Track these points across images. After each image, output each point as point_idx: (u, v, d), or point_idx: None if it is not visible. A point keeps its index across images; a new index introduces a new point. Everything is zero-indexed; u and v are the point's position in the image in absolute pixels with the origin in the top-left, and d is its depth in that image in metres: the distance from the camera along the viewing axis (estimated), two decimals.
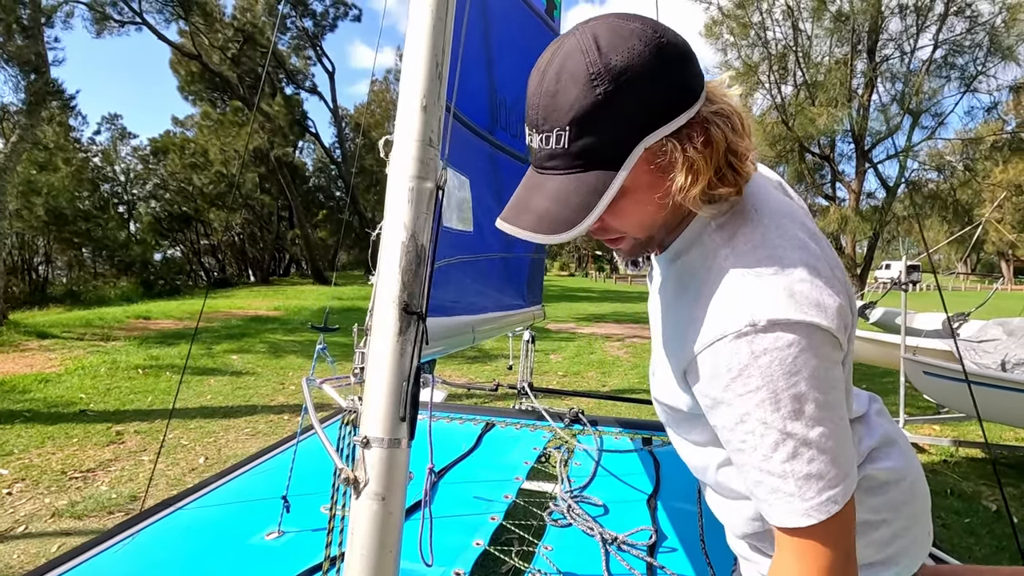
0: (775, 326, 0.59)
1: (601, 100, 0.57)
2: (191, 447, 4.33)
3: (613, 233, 0.70)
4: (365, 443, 0.70)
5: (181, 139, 31.30)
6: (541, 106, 0.61)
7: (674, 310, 0.74)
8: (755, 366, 0.59)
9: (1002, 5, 10.16)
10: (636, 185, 0.63)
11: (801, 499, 0.59)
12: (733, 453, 0.64)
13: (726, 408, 0.62)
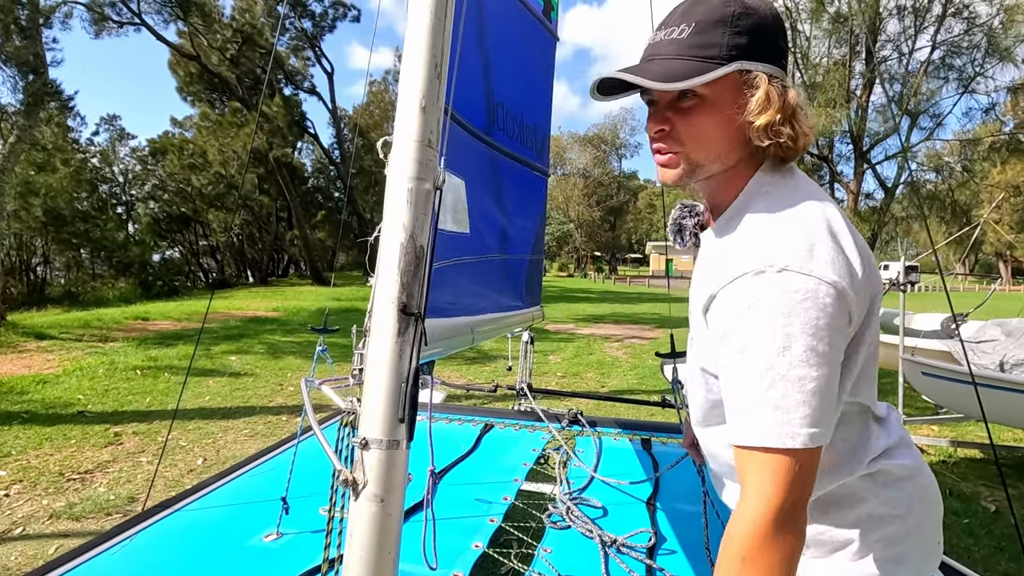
0: (787, 271, 0.66)
1: (726, 15, 0.72)
2: (189, 448, 4.32)
3: (675, 146, 0.77)
4: (364, 444, 0.70)
5: (180, 140, 31.28)
6: (679, 10, 0.76)
7: (710, 267, 0.80)
8: (762, 302, 0.66)
9: (1000, 6, 10.18)
10: (718, 97, 0.74)
11: (765, 423, 0.64)
12: (726, 385, 0.70)
13: (732, 339, 0.68)
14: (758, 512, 0.63)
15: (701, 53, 0.72)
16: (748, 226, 0.75)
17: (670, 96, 0.76)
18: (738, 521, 0.65)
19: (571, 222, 49.58)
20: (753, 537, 0.63)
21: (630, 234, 62.94)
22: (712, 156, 0.77)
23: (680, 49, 0.73)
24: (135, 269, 22.48)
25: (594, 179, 51.13)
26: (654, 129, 0.78)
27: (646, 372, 7.40)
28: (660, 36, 0.76)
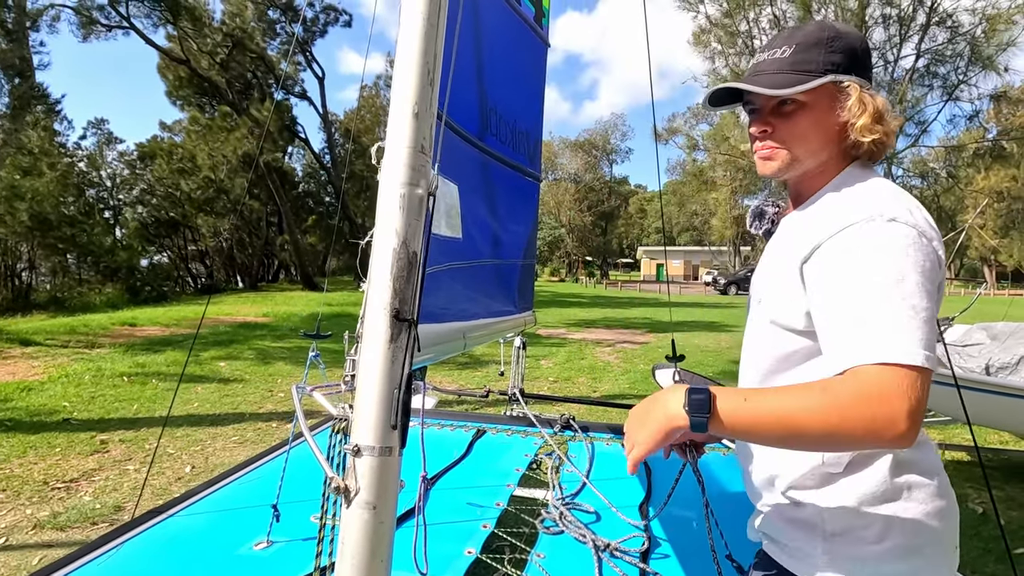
0: (895, 221, 0.76)
1: (822, 38, 0.87)
2: (177, 456, 4.27)
3: (776, 141, 0.90)
4: (356, 451, 0.69)
5: (169, 144, 31.02)
6: (783, 36, 0.91)
7: (794, 233, 0.90)
8: (876, 241, 0.75)
9: (982, 16, 10.38)
10: (816, 103, 0.87)
11: (911, 342, 0.68)
12: (836, 309, 0.75)
13: (845, 275, 0.75)
14: (884, 411, 0.66)
15: (801, 68, 0.86)
16: (848, 196, 0.85)
17: (772, 103, 0.90)
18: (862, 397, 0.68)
19: (563, 227, 49.71)
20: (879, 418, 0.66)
21: (621, 239, 63.22)
22: (808, 152, 0.90)
23: (782, 66, 0.88)
24: (122, 274, 22.22)
25: (585, 184, 51.36)
26: (758, 130, 0.92)
27: (637, 377, 7.42)
28: (765, 56, 0.91)
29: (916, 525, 0.81)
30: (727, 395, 0.74)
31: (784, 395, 0.73)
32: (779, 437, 0.72)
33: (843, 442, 0.70)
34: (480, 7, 1.89)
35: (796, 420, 0.69)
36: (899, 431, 0.65)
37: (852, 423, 0.67)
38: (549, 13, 2.79)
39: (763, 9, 12.45)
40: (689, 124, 38.31)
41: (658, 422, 0.77)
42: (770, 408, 0.72)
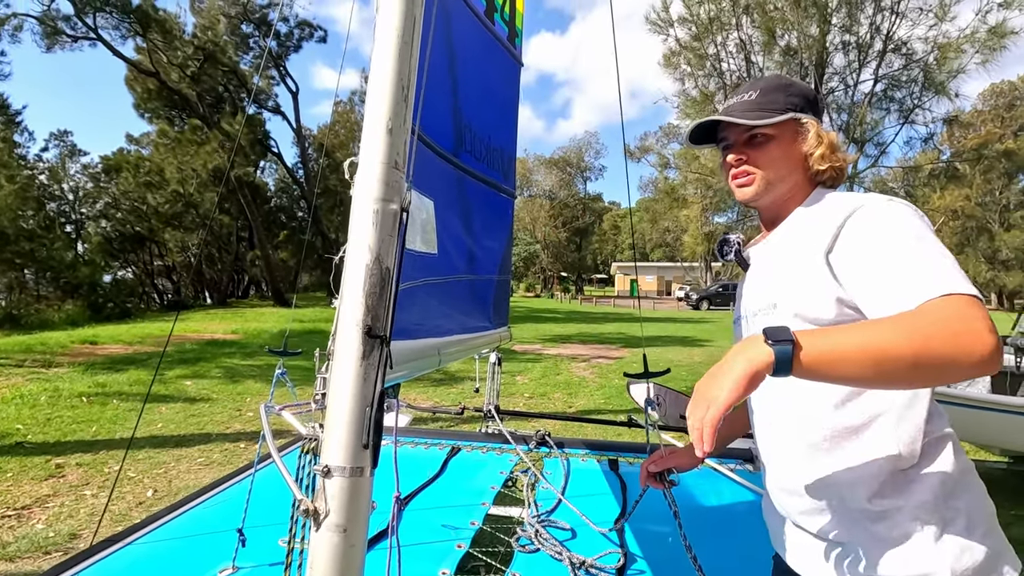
0: (892, 201, 0.87)
1: (782, 84, 1.04)
2: (139, 479, 4.10)
3: (751, 168, 1.02)
4: (326, 472, 0.68)
5: (136, 157, 30.31)
6: (747, 84, 1.07)
7: (790, 242, 0.99)
8: (889, 213, 0.85)
9: (934, 44, 10.94)
10: (781, 136, 1.01)
11: (957, 277, 0.74)
12: (879, 267, 0.80)
13: (881, 235, 0.83)
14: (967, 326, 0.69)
15: (767, 107, 1.00)
16: (835, 200, 0.95)
17: (745, 136, 1.02)
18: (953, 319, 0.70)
19: (538, 243, 50.01)
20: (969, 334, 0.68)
21: (595, 255, 63.87)
22: (778, 177, 1.02)
23: (752, 106, 1.01)
24: (84, 290, 21.45)
25: (560, 201, 51.90)
26: (735, 159, 1.04)
27: (612, 392, 7.45)
28: (735, 100, 1.04)
29: (983, 504, 0.87)
30: (803, 331, 0.73)
31: (864, 326, 0.75)
32: (865, 367, 0.70)
33: (932, 366, 0.69)
34: (454, 27, 1.91)
35: (882, 347, 0.68)
36: (987, 345, 0.67)
37: (938, 342, 0.67)
38: (522, 33, 2.83)
39: (729, 34, 12.88)
40: (661, 143, 39.23)
41: (736, 372, 0.72)
42: (853, 337, 0.71)
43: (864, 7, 11.59)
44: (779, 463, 1.01)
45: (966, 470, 0.88)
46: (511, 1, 2.63)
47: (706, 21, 12.58)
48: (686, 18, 12.83)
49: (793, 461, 0.97)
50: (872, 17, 11.51)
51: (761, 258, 1.09)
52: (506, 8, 2.57)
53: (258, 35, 27.38)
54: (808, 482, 0.93)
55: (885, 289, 0.78)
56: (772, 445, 1.02)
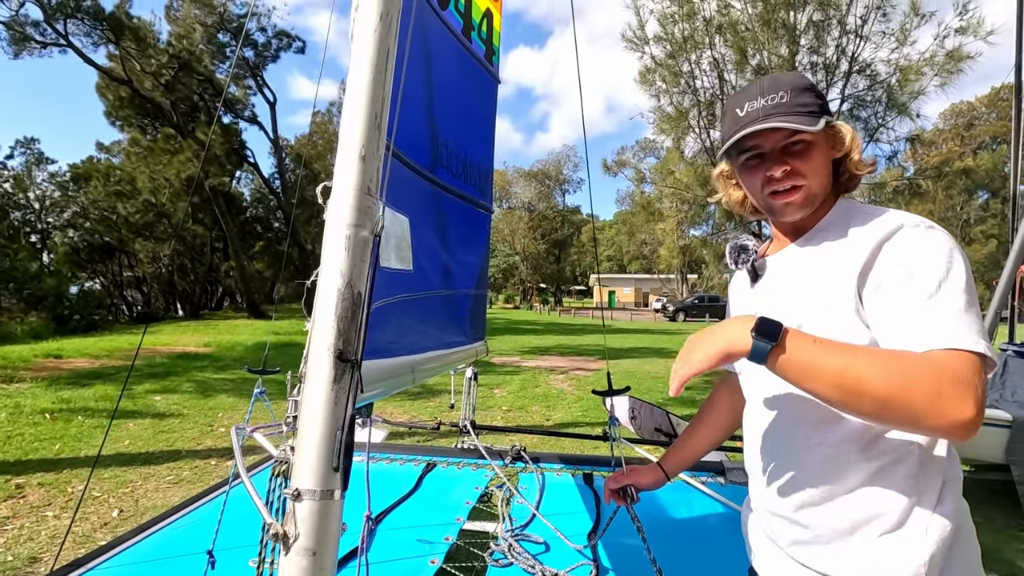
0: (934, 228, 0.83)
1: (808, 83, 0.92)
2: (104, 499, 3.97)
3: (799, 180, 0.92)
4: (296, 496, 0.69)
5: (106, 165, 29.63)
6: (766, 84, 0.93)
7: (822, 258, 0.92)
8: (928, 244, 0.80)
9: (896, 67, 11.39)
10: (819, 141, 0.92)
11: (972, 331, 0.73)
12: (898, 306, 0.78)
13: (910, 270, 0.79)
14: (962, 388, 0.69)
15: (805, 110, 0.90)
16: (866, 216, 0.90)
17: (781, 144, 0.92)
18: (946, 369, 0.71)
19: (517, 255, 50.17)
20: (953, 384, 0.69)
21: (574, 266, 64.30)
22: (821, 186, 0.94)
23: (790, 108, 0.90)
24: (49, 302, 20.78)
25: (539, 213, 52.21)
26: (779, 170, 0.92)
27: (590, 404, 7.48)
28: (763, 102, 0.92)
29: (975, 548, 0.87)
30: (800, 334, 0.76)
31: (856, 349, 0.75)
32: (835, 386, 0.72)
33: (898, 411, 0.70)
34: (431, 46, 1.95)
35: (861, 375, 0.70)
36: (964, 415, 0.68)
37: (916, 394, 0.68)
38: (499, 51, 2.89)
39: (703, 52, 13.23)
40: (637, 157, 39.87)
41: (715, 345, 0.78)
42: (838, 356, 0.73)
43: (830, 30, 12.03)
44: (779, 489, 0.95)
45: (965, 514, 0.87)
46: (488, 20, 2.68)
47: (680, 40, 12.91)
48: (661, 36, 13.15)
49: (799, 491, 0.91)
50: (838, 39, 11.95)
51: (780, 269, 1.01)
52: (483, 27, 2.62)
53: (235, 44, 27.15)
54: (814, 515, 0.89)
55: (899, 327, 0.77)
56: (775, 469, 0.96)
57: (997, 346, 5.45)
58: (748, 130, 0.91)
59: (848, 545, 0.86)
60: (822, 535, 0.88)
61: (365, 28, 0.84)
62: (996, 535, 3.58)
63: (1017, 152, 6.78)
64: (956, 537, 0.83)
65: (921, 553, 0.80)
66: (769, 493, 0.97)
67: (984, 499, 4.21)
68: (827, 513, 0.88)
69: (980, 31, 10.13)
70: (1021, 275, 5.73)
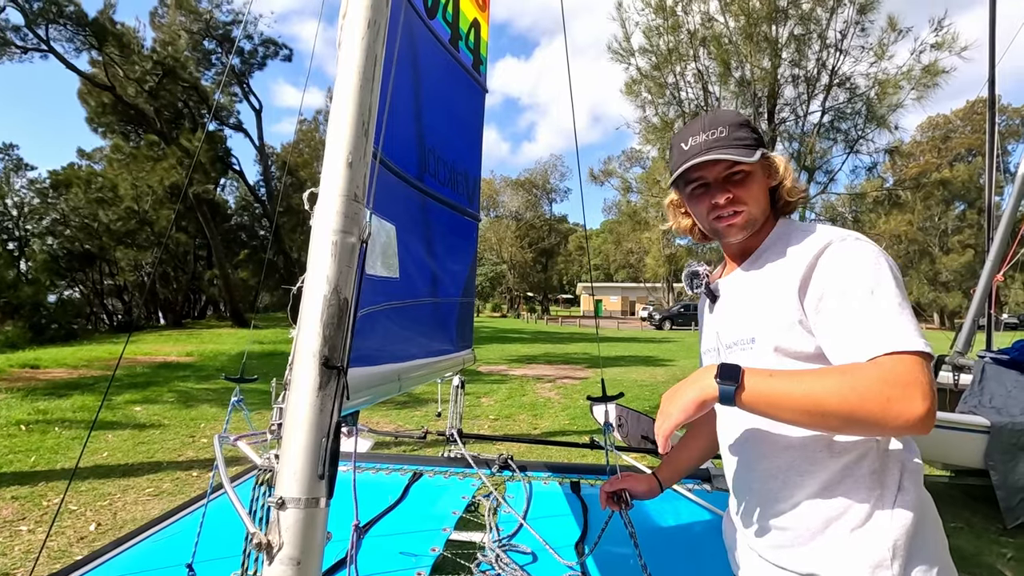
0: (861, 240, 0.91)
1: (744, 120, 1.04)
2: (81, 512, 3.88)
3: (740, 206, 1.02)
4: (280, 504, 0.68)
5: (87, 172, 29.14)
6: (707, 121, 1.03)
7: (765, 277, 1.01)
8: (855, 255, 0.88)
9: (874, 80, 11.67)
10: (756, 171, 1.02)
11: (907, 332, 0.79)
12: (837, 319, 0.85)
13: (836, 284, 0.87)
14: (909, 385, 0.75)
15: (743, 143, 1.00)
16: (804, 235, 0.99)
17: (724, 174, 1.02)
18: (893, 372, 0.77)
19: (504, 263, 50.21)
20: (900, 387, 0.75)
21: (561, 275, 64.50)
22: (760, 211, 1.04)
23: (729, 142, 1.00)
24: (26, 311, 20.32)
25: (526, 221, 52.38)
26: (723, 197, 1.02)
27: (577, 413, 7.48)
28: (704, 137, 1.02)
29: (941, 539, 0.92)
30: (755, 371, 0.83)
31: (808, 374, 0.81)
32: (800, 412, 0.79)
33: (861, 422, 0.76)
34: (419, 55, 1.95)
35: (819, 401, 0.77)
36: (918, 412, 0.73)
37: (872, 404, 0.74)
38: (487, 60, 2.91)
39: (688, 64, 13.43)
40: (623, 167, 40.24)
41: (689, 396, 0.86)
42: (794, 385, 0.79)
43: (811, 43, 12.30)
44: (753, 497, 1.01)
45: (927, 502, 0.92)
46: (476, 30, 2.70)
47: (665, 52, 13.11)
48: (647, 48, 13.35)
49: (773, 496, 0.97)
50: (819, 53, 12.22)
51: (732, 290, 1.10)
52: (471, 36, 2.63)
53: (221, 52, 27.00)
54: (789, 517, 0.94)
55: (842, 341, 0.84)
56: (748, 478, 1.03)
57: (975, 353, 5.57)
58: (693, 162, 1.01)
59: (823, 542, 0.90)
60: (799, 536, 0.93)
61: (353, 35, 0.84)
62: (977, 539, 3.63)
63: (992, 164, 6.96)
64: (919, 524, 0.88)
65: (886, 538, 0.86)
66: (745, 502, 1.04)
67: (964, 504, 4.27)
68: (801, 514, 0.93)
69: (955, 47, 10.43)
70: (997, 284, 5.87)
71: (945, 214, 40.33)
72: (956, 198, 40.39)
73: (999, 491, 3.82)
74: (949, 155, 41.85)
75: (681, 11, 12.87)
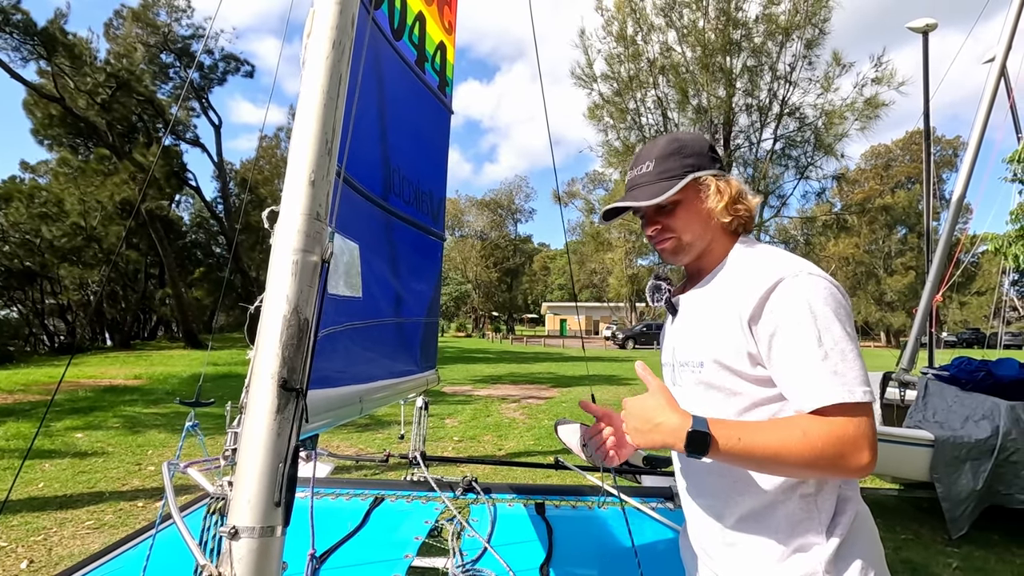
0: (812, 276, 0.93)
1: (673, 149, 1.07)
2: (11, 549, 3.60)
3: (668, 233, 1.08)
4: (233, 534, 0.65)
5: (31, 186, 27.75)
6: (643, 154, 1.10)
7: (717, 302, 1.03)
8: (805, 294, 0.91)
9: (822, 111, 12.34)
10: (686, 199, 1.06)
11: (836, 383, 0.86)
12: (789, 363, 0.90)
13: (787, 326, 0.90)
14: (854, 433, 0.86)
15: (666, 176, 1.05)
16: (759, 260, 1.02)
17: (654, 208, 1.08)
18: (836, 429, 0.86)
19: (469, 283, 50.12)
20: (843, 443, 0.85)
21: (526, 295, 64.77)
22: (695, 236, 1.08)
23: (650, 178, 1.07)
24: None
25: (491, 241, 52.60)
26: (651, 230, 1.10)
27: (542, 433, 7.46)
28: (634, 173, 1.10)
29: (877, 550, 0.98)
30: (724, 435, 0.87)
31: (770, 435, 0.87)
32: (764, 466, 0.89)
33: (818, 472, 0.89)
34: (384, 76, 1.96)
35: (781, 458, 0.86)
36: (864, 463, 0.85)
37: (826, 460, 0.85)
38: (452, 82, 2.94)
39: (648, 91, 13.90)
40: (587, 189, 41.02)
41: (657, 439, 0.91)
42: (760, 447, 0.86)
43: (763, 74, 12.94)
44: (699, 515, 1.08)
45: (864, 516, 0.99)
46: (442, 52, 2.73)
47: (626, 79, 13.54)
48: (608, 75, 13.76)
49: (713, 514, 1.04)
50: (770, 84, 12.86)
51: (687, 309, 1.13)
52: (437, 59, 2.66)
53: (179, 65, 26.40)
54: (728, 534, 1.01)
55: (795, 385, 0.90)
56: (694, 495, 1.09)
57: (918, 370, 5.83)
58: (607, 207, 1.13)
59: (763, 557, 0.97)
60: (742, 551, 1.00)
61: (317, 55, 0.84)
62: (925, 550, 3.77)
63: (929, 192, 7.41)
64: (854, 539, 0.95)
65: (821, 555, 0.93)
66: (694, 518, 1.11)
67: (912, 516, 4.43)
68: (741, 530, 1.00)
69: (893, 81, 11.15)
70: (937, 304, 6.20)
71: (888, 237, 42.61)
72: (898, 222, 42.78)
73: (944, 503, 3.98)
74: (891, 182, 44.41)
75: (641, 40, 13.36)
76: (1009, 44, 5.81)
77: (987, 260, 31.95)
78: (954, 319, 41.77)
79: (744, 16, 12.47)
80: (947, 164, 41.87)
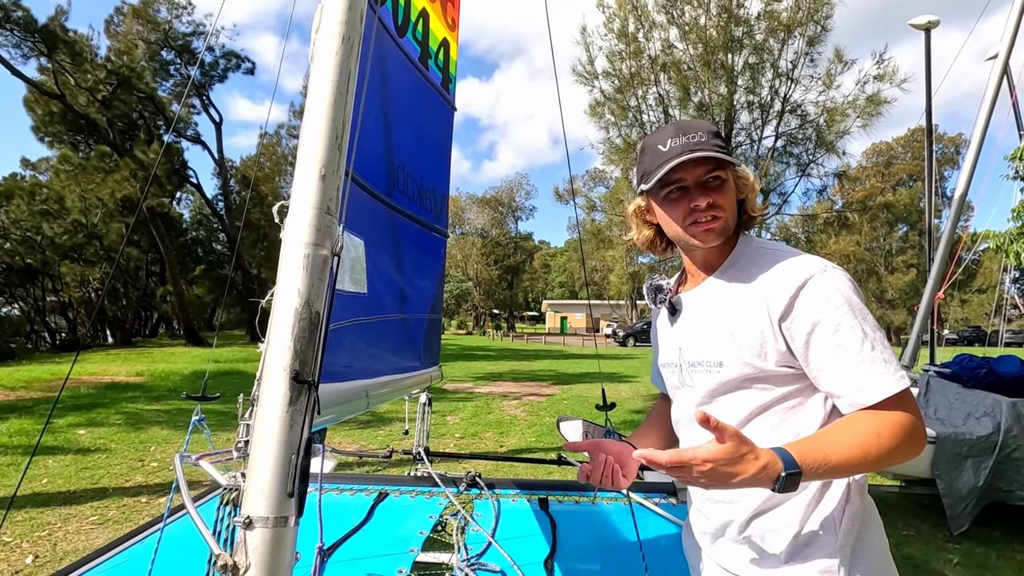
0: (837, 270, 0.94)
1: (717, 130, 1.00)
2: (16, 545, 3.62)
3: (718, 211, 0.99)
4: (247, 524, 0.65)
5: (31, 183, 27.78)
6: (691, 126, 1.00)
7: (735, 300, 1.00)
8: (839, 289, 0.91)
9: (823, 108, 12.31)
10: (729, 180, 1.01)
11: (890, 374, 0.88)
12: (838, 359, 0.89)
13: (829, 322, 0.90)
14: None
15: (721, 149, 0.98)
16: (772, 259, 0.99)
17: (703, 178, 0.99)
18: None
19: (470, 280, 50.14)
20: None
21: (527, 292, 64.80)
22: (734, 219, 1.03)
23: (709, 147, 0.97)
24: None
25: (492, 239, 52.60)
26: (704, 201, 0.98)
27: (543, 429, 7.48)
28: (683, 139, 0.98)
29: (883, 543, 0.99)
30: (811, 467, 0.83)
31: (851, 449, 0.85)
32: (846, 473, 0.88)
33: (890, 463, 0.90)
34: (389, 73, 1.96)
35: (863, 467, 0.87)
36: (924, 442, 0.90)
37: (900, 453, 0.88)
38: (455, 79, 2.94)
39: (649, 88, 13.87)
40: (588, 187, 40.99)
41: (741, 487, 0.83)
42: (844, 465, 0.85)
43: (764, 72, 12.90)
44: (708, 507, 1.06)
45: (871, 509, 0.99)
46: (445, 49, 2.73)
47: (628, 76, 13.51)
48: (610, 72, 13.73)
49: (723, 507, 1.02)
50: (772, 81, 12.82)
51: (696, 305, 1.08)
52: (440, 55, 2.66)
53: (180, 62, 26.39)
54: (736, 527, 1.00)
55: (846, 378, 0.90)
56: (708, 499, 1.07)
57: (920, 368, 5.84)
58: (681, 159, 0.95)
59: (772, 550, 0.96)
60: (749, 545, 0.99)
61: (327, 50, 0.85)
62: (926, 546, 3.78)
63: (931, 190, 7.41)
64: (864, 532, 0.95)
65: (833, 547, 0.93)
66: (702, 510, 1.08)
67: (914, 512, 4.45)
68: (751, 523, 0.98)
69: (895, 78, 11.13)
70: (938, 302, 6.20)
71: (889, 235, 42.57)
72: (899, 220, 42.74)
73: (945, 499, 3.99)
74: (892, 180, 44.37)
75: (643, 37, 13.33)
76: (1012, 41, 5.79)
77: (988, 258, 31.94)
78: (955, 317, 41.74)
79: (746, 13, 12.45)
80: (949, 162, 41.83)
